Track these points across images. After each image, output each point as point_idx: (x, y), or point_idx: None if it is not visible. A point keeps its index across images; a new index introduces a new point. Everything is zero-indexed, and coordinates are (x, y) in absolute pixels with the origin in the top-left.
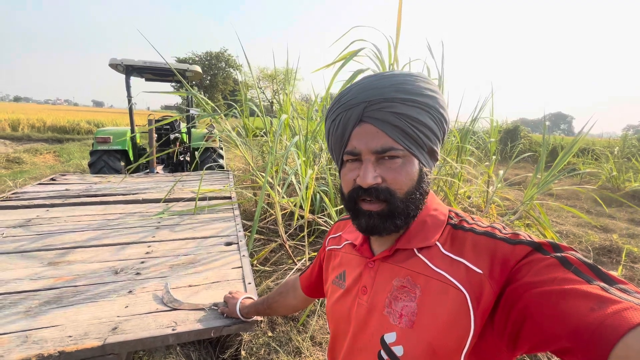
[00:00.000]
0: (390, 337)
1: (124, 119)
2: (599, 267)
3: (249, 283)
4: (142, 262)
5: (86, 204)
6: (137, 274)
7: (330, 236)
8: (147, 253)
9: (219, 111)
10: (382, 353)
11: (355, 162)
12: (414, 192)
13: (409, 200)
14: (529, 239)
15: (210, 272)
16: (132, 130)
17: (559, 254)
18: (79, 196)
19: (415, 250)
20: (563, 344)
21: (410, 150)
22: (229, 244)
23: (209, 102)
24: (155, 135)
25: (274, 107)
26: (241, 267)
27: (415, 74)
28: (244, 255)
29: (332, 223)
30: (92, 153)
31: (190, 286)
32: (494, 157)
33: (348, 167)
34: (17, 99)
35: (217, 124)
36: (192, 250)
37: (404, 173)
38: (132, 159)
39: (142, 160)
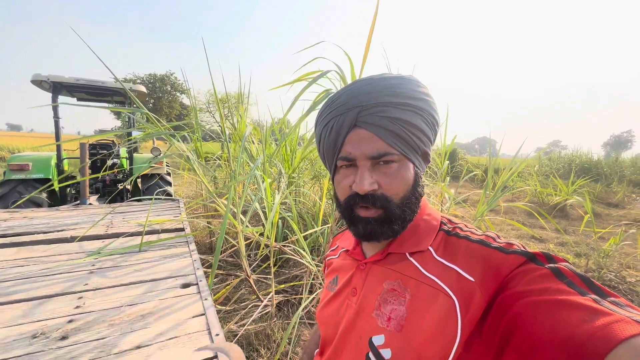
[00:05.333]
0: (378, 340)
1: (46, 146)
2: (592, 279)
3: (217, 334)
4: (70, 321)
5: None
6: (63, 338)
7: (330, 250)
8: (78, 307)
9: (171, 131)
10: (370, 355)
11: (350, 168)
12: (409, 196)
13: (405, 205)
14: (523, 249)
15: (164, 325)
16: (59, 156)
17: (552, 265)
18: None
19: (407, 254)
20: (551, 355)
21: (406, 155)
22: (186, 285)
23: (160, 120)
24: (88, 162)
25: (223, 132)
26: (204, 314)
27: (406, 76)
28: (206, 299)
29: (300, 251)
30: (1, 184)
31: (138, 347)
32: (448, 177)
33: (343, 173)
34: None
35: (165, 146)
36: (140, 298)
37: (399, 178)
38: (57, 190)
39: (64, 182)
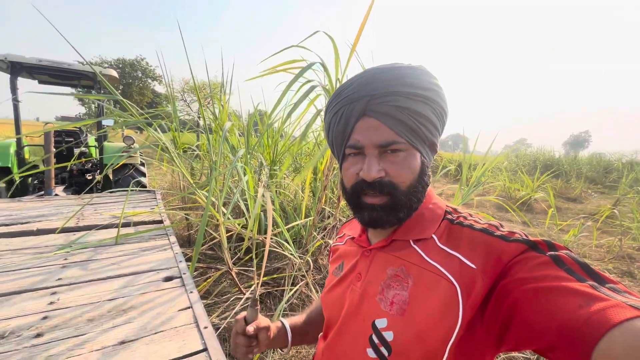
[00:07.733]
0: (381, 323)
1: (2, 132)
2: (591, 266)
3: (205, 327)
4: (45, 318)
5: None
6: (38, 335)
7: (337, 237)
8: (52, 303)
9: (149, 119)
10: (374, 337)
11: (358, 156)
12: (416, 185)
13: (411, 193)
14: (524, 237)
15: (149, 319)
16: (20, 143)
17: (552, 253)
18: None
19: (411, 241)
20: (549, 339)
21: (413, 144)
22: (168, 278)
23: (135, 107)
24: (53, 150)
25: (200, 122)
26: (190, 307)
27: (417, 67)
28: (191, 292)
29: (284, 243)
30: None
31: (122, 343)
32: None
33: (350, 160)
34: None
35: (137, 134)
36: (119, 292)
37: (406, 167)
38: (18, 179)
39: (27, 171)
